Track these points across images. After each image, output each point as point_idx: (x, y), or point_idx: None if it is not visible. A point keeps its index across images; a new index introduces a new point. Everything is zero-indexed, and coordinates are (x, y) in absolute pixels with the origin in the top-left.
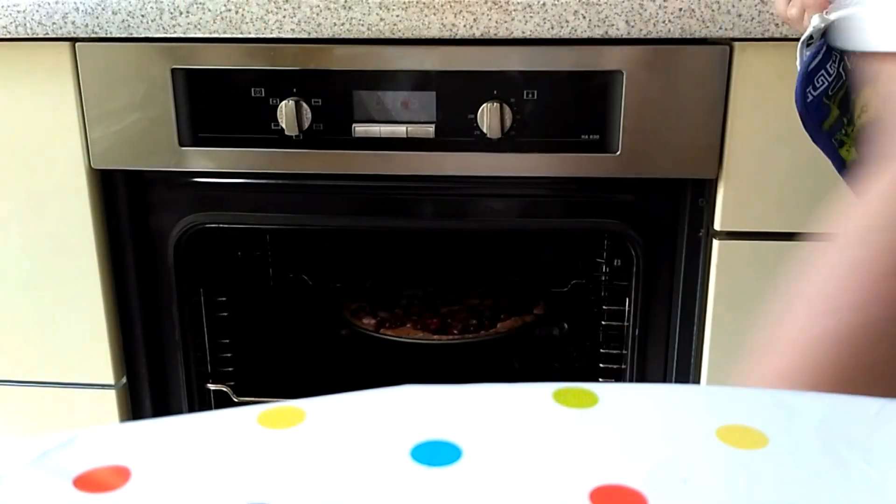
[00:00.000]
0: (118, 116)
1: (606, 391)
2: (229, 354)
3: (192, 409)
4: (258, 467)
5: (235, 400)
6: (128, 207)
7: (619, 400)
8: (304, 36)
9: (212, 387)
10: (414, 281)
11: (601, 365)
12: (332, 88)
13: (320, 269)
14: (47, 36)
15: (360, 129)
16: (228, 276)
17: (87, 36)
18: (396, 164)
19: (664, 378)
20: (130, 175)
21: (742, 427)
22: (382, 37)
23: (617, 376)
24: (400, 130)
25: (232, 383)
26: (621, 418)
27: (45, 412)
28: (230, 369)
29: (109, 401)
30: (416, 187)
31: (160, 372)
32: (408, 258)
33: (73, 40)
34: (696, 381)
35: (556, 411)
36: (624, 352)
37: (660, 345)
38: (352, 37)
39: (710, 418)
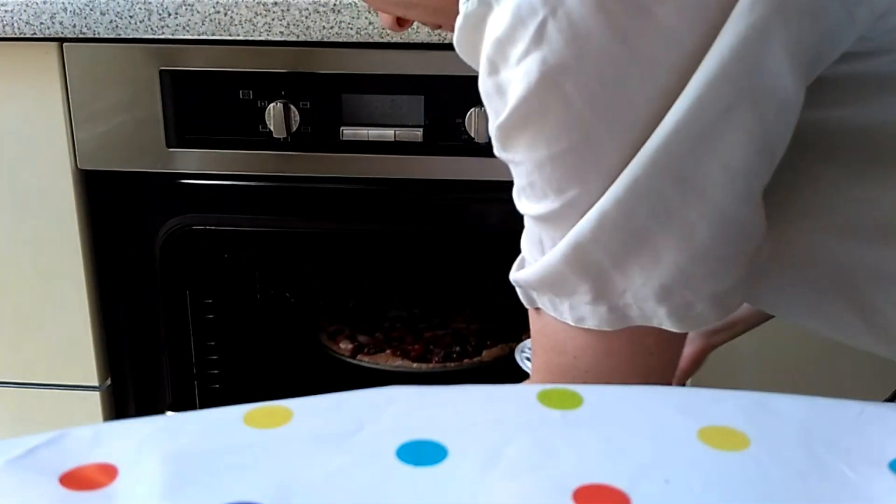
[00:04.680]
0: (105, 117)
1: (590, 392)
2: (215, 357)
3: (176, 412)
4: (244, 466)
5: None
6: (114, 208)
7: (602, 401)
8: (293, 39)
9: (197, 389)
10: (399, 301)
11: None
12: (321, 91)
13: (304, 283)
14: (35, 36)
15: (349, 133)
16: (215, 278)
17: (74, 36)
18: (384, 168)
19: None
20: (117, 175)
21: (724, 428)
22: (371, 41)
23: None
24: (388, 134)
25: (217, 386)
26: (605, 419)
27: (30, 413)
28: (216, 372)
29: (94, 402)
30: (404, 191)
31: (145, 374)
32: (394, 276)
33: (61, 40)
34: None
35: (540, 412)
36: None
37: None
38: (340, 40)
39: (692, 420)
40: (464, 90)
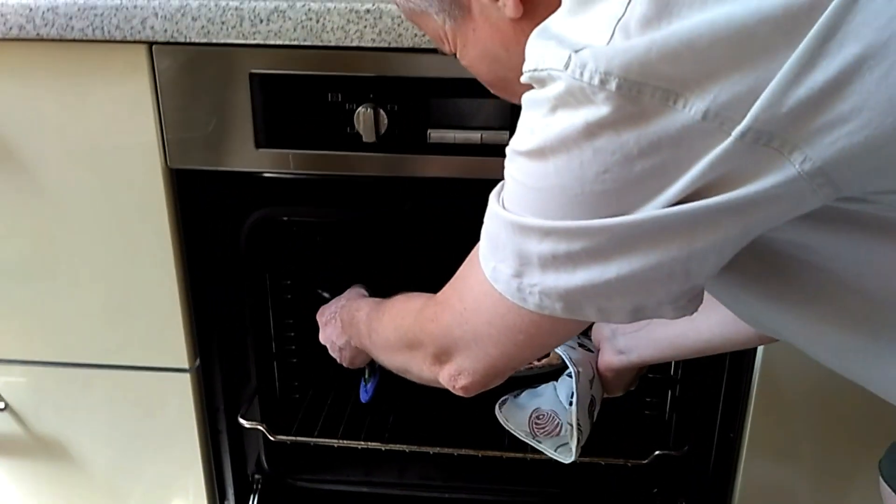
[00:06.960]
0: (195, 118)
1: None
2: (293, 334)
3: (260, 388)
4: None
5: (300, 377)
6: (202, 202)
7: None
8: (384, 45)
9: (276, 364)
10: None
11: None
12: (409, 95)
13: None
14: (125, 39)
15: (436, 135)
16: (293, 262)
17: (165, 40)
18: (470, 169)
19: (719, 378)
20: (206, 174)
21: None
22: None
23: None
24: (475, 137)
25: (295, 360)
26: None
27: (123, 394)
28: (293, 347)
29: (184, 383)
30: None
31: (232, 355)
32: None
33: (151, 43)
34: (749, 377)
35: None
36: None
37: None
38: (433, 47)
39: None
40: None
